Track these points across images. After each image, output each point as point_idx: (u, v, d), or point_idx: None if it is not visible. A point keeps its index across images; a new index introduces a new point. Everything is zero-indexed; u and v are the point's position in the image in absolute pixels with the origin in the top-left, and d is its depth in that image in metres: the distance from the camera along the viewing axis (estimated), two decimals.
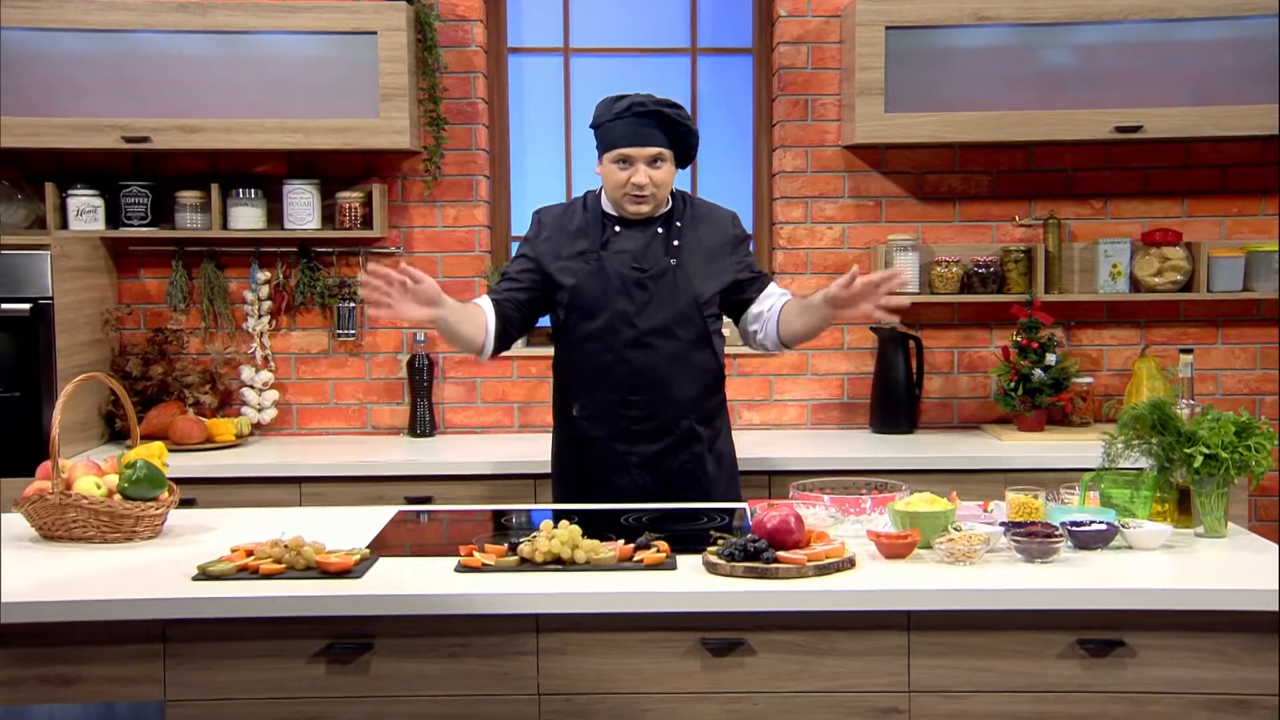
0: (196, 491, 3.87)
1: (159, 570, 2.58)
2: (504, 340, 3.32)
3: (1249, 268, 4.43)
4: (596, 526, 2.78)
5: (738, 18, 4.75)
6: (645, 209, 3.28)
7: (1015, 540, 2.58)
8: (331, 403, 4.63)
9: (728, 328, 3.52)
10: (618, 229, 3.33)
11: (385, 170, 4.56)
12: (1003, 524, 2.71)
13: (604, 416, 3.31)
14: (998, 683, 2.44)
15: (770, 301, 3.37)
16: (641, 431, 3.30)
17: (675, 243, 3.32)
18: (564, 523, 2.60)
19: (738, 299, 3.39)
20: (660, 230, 3.32)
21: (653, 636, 2.43)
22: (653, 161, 3.23)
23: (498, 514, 3.24)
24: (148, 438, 4.13)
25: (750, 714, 2.43)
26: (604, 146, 3.28)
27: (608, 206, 3.35)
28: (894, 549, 2.59)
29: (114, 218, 4.41)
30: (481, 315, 3.28)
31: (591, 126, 3.33)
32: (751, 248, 3.46)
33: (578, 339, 3.32)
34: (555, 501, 3.45)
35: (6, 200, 4.38)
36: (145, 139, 4.20)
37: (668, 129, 3.24)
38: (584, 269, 3.29)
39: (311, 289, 4.54)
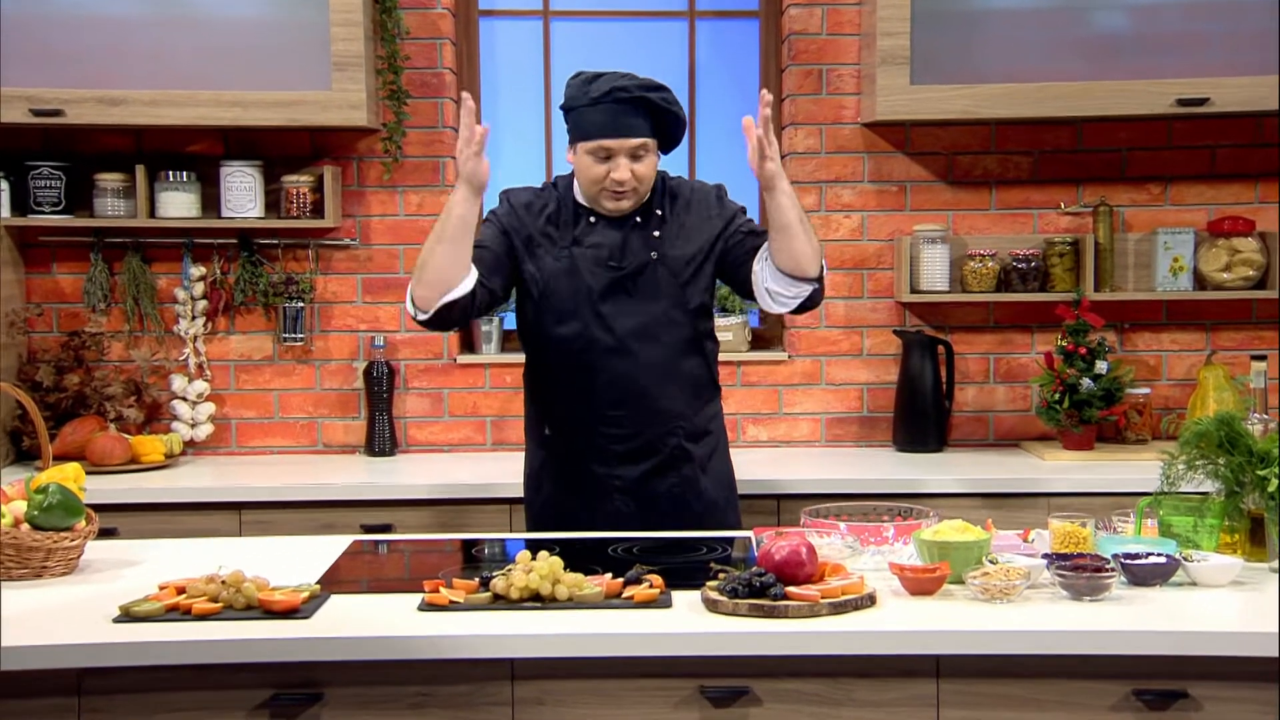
0: (119, 520, 3.86)
1: (74, 611, 2.57)
2: (472, 302, 3.19)
3: None
4: (581, 558, 2.78)
5: None
6: (625, 205, 3.28)
7: (1060, 575, 2.59)
8: (276, 417, 4.63)
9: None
10: (592, 220, 3.32)
11: (338, 150, 4.56)
12: (1045, 556, 2.71)
13: (580, 435, 3.32)
14: None
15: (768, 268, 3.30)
16: (623, 452, 3.30)
17: (656, 234, 3.31)
18: (543, 554, 2.60)
19: (740, 271, 3.31)
20: (639, 220, 3.32)
21: (644, 685, 2.43)
22: (635, 153, 3.22)
23: (468, 544, 3.24)
24: (61, 458, 4.11)
25: None
26: (578, 134, 3.26)
27: (580, 195, 3.35)
28: (921, 584, 2.60)
29: (21, 203, 4.41)
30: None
31: (562, 109, 3.31)
32: (745, 215, 3.39)
33: (547, 344, 3.34)
34: (529, 531, 3.45)
35: None
36: (58, 112, 4.19)
37: (653, 116, 3.23)
38: (553, 265, 3.30)
39: (253, 287, 4.54)
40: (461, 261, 3.17)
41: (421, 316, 3.23)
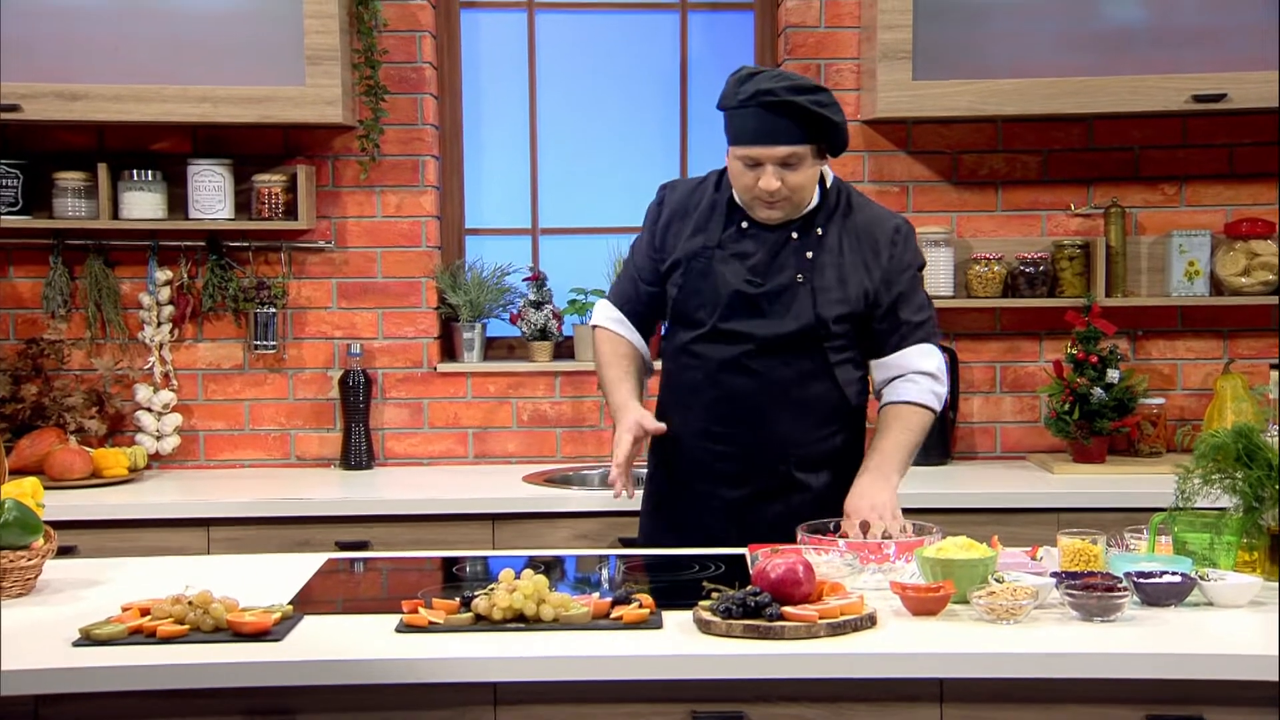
0: (79, 537, 3.86)
1: (31, 634, 2.56)
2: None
3: None
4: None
5: None
6: (778, 215, 3.16)
7: (1070, 594, 2.59)
8: (247, 429, 4.63)
9: None
10: (745, 225, 3.21)
11: (312, 149, 4.57)
12: (1054, 574, 2.72)
13: (689, 446, 3.26)
14: None
15: (888, 374, 3.24)
16: (726, 472, 3.23)
17: (810, 254, 3.18)
18: (528, 572, 2.60)
19: (868, 335, 3.24)
20: (795, 235, 3.19)
21: (634, 710, 2.43)
22: (785, 162, 3.09)
23: (448, 562, 3.24)
24: (18, 472, 4.11)
25: None
26: (729, 138, 3.14)
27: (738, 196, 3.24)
28: (923, 604, 2.60)
29: None
30: (637, 353, 3.36)
31: (718, 108, 3.19)
32: (909, 279, 3.23)
33: (675, 347, 3.30)
34: (640, 535, 3.43)
35: None
36: (14, 108, 4.19)
37: (803, 120, 3.07)
38: (692, 268, 3.21)
39: (222, 292, 4.54)
40: (643, 369, 3.37)
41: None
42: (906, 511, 3.61)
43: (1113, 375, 4.35)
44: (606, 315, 3.38)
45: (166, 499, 4.12)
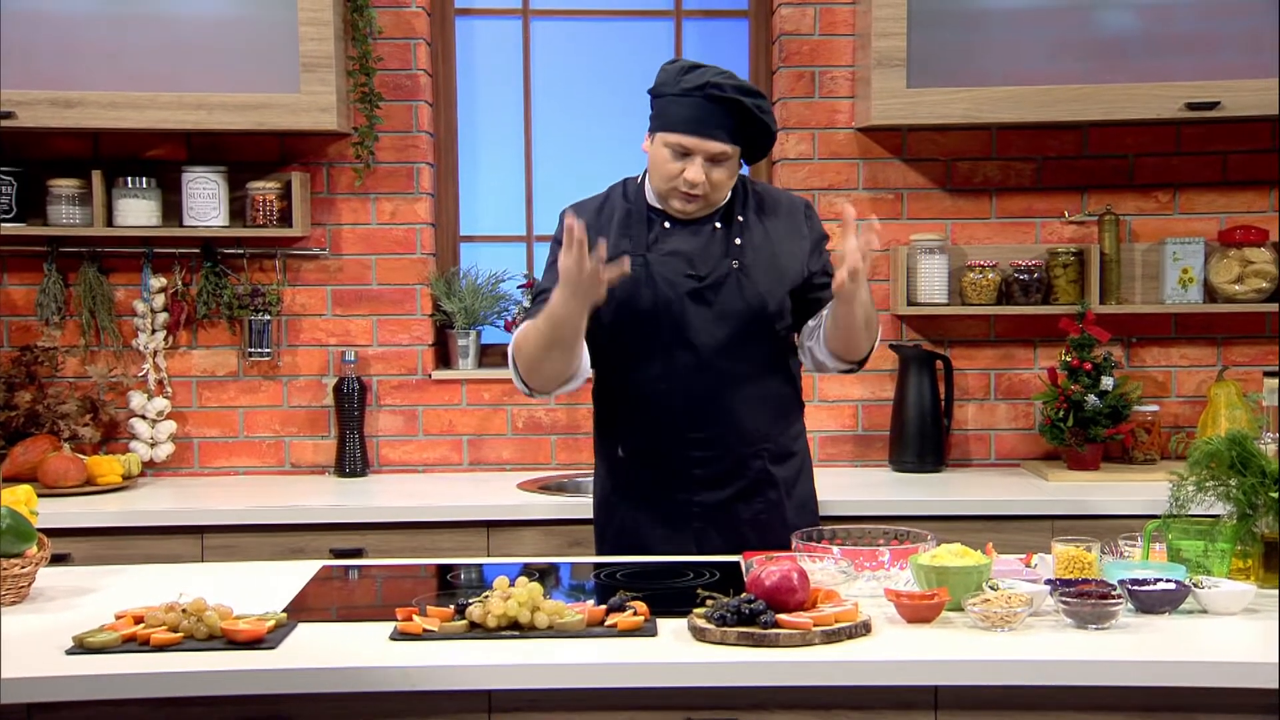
0: (73, 545, 3.85)
1: (25, 642, 2.56)
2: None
3: None
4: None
5: None
6: (692, 210, 3.19)
7: (1064, 602, 2.59)
8: (241, 436, 4.62)
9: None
10: (667, 225, 3.24)
11: (307, 156, 4.57)
12: (1049, 582, 2.72)
13: (658, 458, 3.22)
14: None
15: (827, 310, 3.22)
16: (705, 476, 3.22)
17: (737, 240, 3.22)
18: (522, 580, 2.60)
19: (803, 303, 3.27)
20: (719, 225, 3.23)
21: (629, 717, 2.43)
22: (715, 158, 3.13)
23: (443, 569, 3.24)
24: (12, 480, 4.11)
25: None
26: (659, 123, 3.18)
27: (653, 198, 3.27)
28: (918, 611, 2.60)
29: None
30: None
31: (650, 92, 3.24)
32: (827, 244, 3.32)
33: (622, 363, 3.24)
34: (601, 551, 3.39)
35: None
36: (9, 114, 4.19)
37: (742, 120, 3.12)
38: (628, 277, 3.11)
39: (217, 299, 4.54)
40: (577, 356, 3.11)
41: (537, 396, 3.28)
42: (901, 518, 3.62)
43: (1107, 382, 4.35)
44: (523, 325, 3.18)
45: (161, 506, 4.12)
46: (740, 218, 3.25)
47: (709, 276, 3.20)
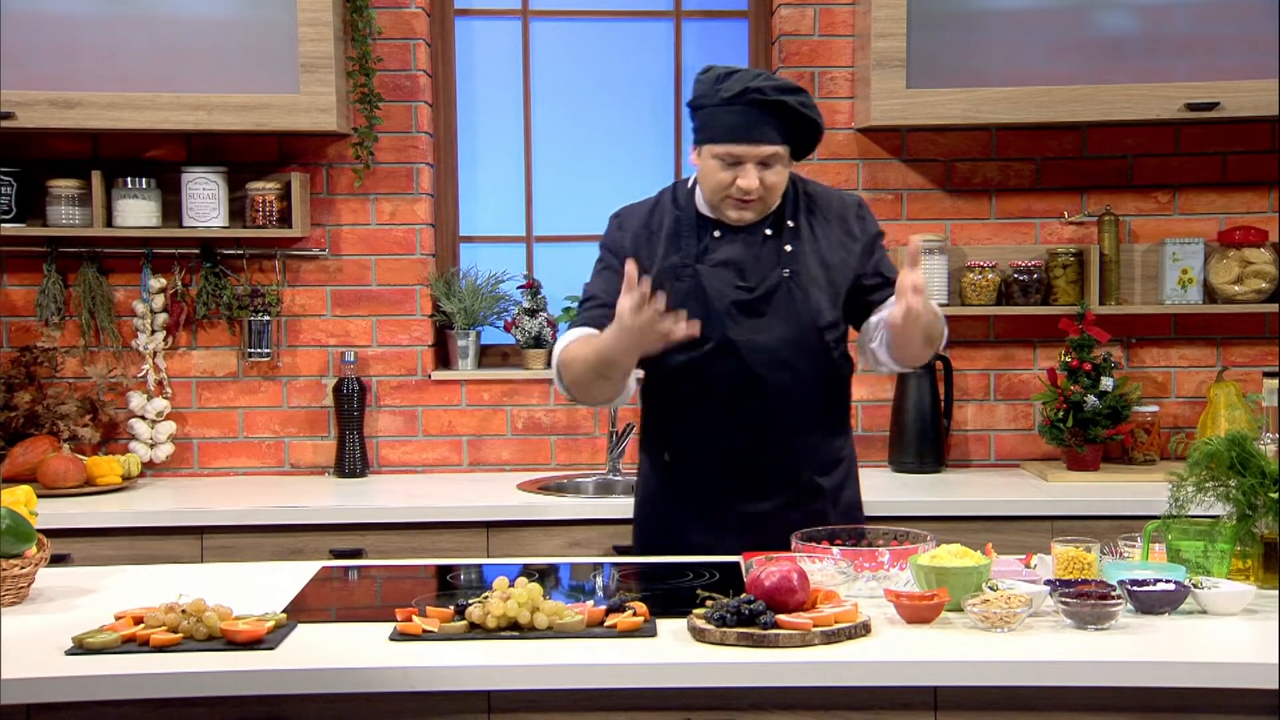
0: (73, 545, 3.86)
1: (24, 643, 2.56)
2: None
3: None
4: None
5: None
6: (749, 216, 3.13)
7: (1064, 602, 2.59)
8: (241, 436, 4.62)
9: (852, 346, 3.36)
10: (717, 234, 3.17)
11: (306, 156, 4.57)
12: (1048, 582, 2.72)
13: (704, 467, 3.17)
14: None
15: (890, 309, 3.09)
16: (750, 485, 3.17)
17: (788, 248, 3.16)
18: (522, 580, 2.60)
19: (859, 305, 3.22)
20: (769, 233, 3.17)
21: (629, 718, 2.43)
22: (766, 161, 3.07)
23: (443, 570, 3.24)
24: (11, 480, 4.11)
25: None
26: (704, 136, 3.10)
27: (703, 206, 3.19)
28: (917, 612, 2.60)
29: None
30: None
31: (689, 105, 3.17)
32: (882, 243, 3.27)
33: (671, 372, 3.17)
34: (638, 550, 3.36)
35: None
36: (8, 115, 4.19)
37: (787, 121, 3.07)
38: (677, 287, 3.11)
39: (216, 299, 4.54)
40: (625, 382, 3.07)
41: (582, 406, 3.22)
42: (901, 519, 3.61)
43: (1106, 383, 4.35)
44: (573, 335, 3.16)
45: (160, 507, 4.12)
46: (791, 223, 3.19)
47: (759, 287, 3.14)
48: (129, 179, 4.39)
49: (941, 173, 4.62)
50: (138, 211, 4.40)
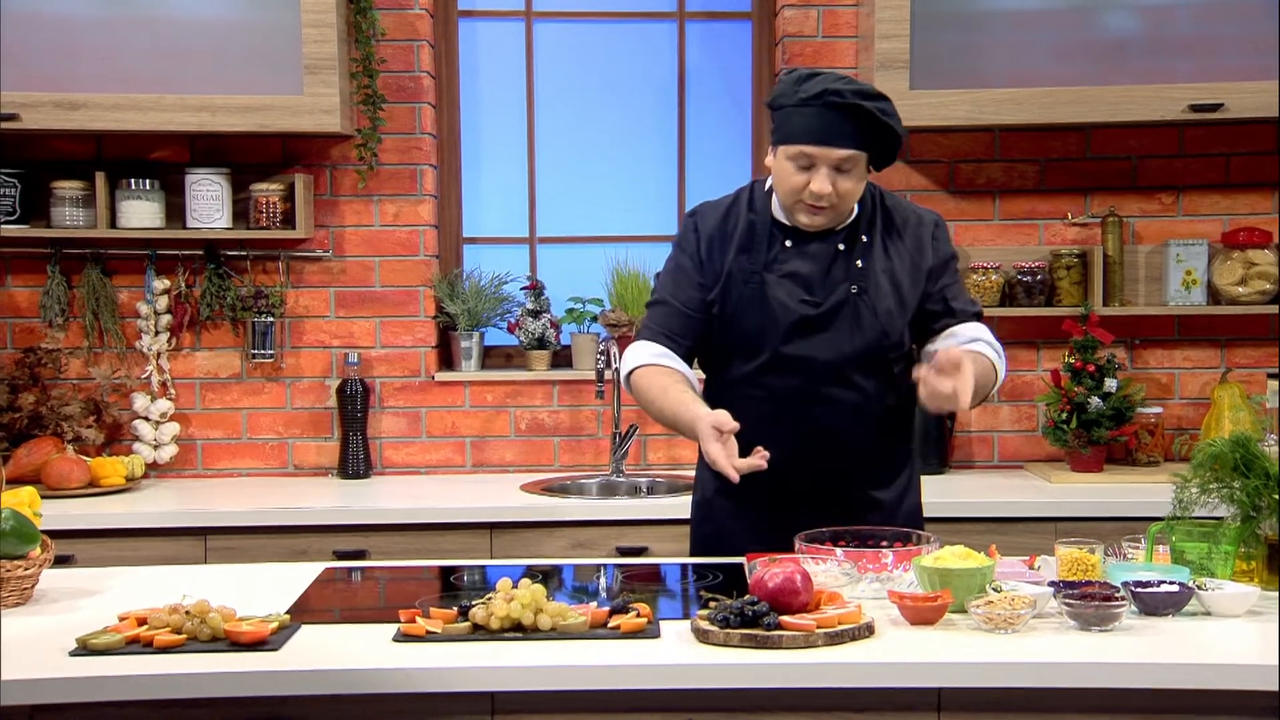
0: (76, 547, 3.86)
1: (28, 644, 2.56)
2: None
3: None
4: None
5: None
6: (820, 222, 3.06)
7: (1067, 604, 2.59)
8: (245, 437, 4.63)
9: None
10: (789, 243, 3.11)
11: (310, 158, 4.57)
12: (1052, 584, 2.72)
13: (758, 478, 3.03)
14: None
15: (948, 342, 3.10)
16: (805, 497, 3.13)
17: (859, 263, 3.09)
18: (525, 582, 2.60)
19: (921, 328, 3.19)
20: (842, 247, 3.10)
21: (632, 719, 2.44)
22: (840, 166, 2.99)
23: (446, 571, 3.24)
24: (15, 481, 4.11)
25: None
26: (780, 136, 3.03)
27: (778, 211, 3.13)
28: (921, 613, 2.60)
29: None
30: (689, 381, 3.12)
31: (768, 105, 3.11)
32: (955, 265, 3.21)
33: (730, 378, 3.16)
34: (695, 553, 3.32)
35: None
36: (13, 116, 4.19)
37: (866, 127, 2.98)
38: (742, 294, 3.08)
39: (220, 300, 4.54)
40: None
41: None
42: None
43: (1110, 384, 4.35)
44: (647, 354, 3.14)
45: (164, 508, 4.12)
46: (865, 237, 3.13)
47: (825, 303, 3.09)
48: (133, 180, 4.39)
49: (945, 174, 4.62)
50: (141, 213, 4.40)
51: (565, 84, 4.87)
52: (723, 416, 2.88)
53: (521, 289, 4.74)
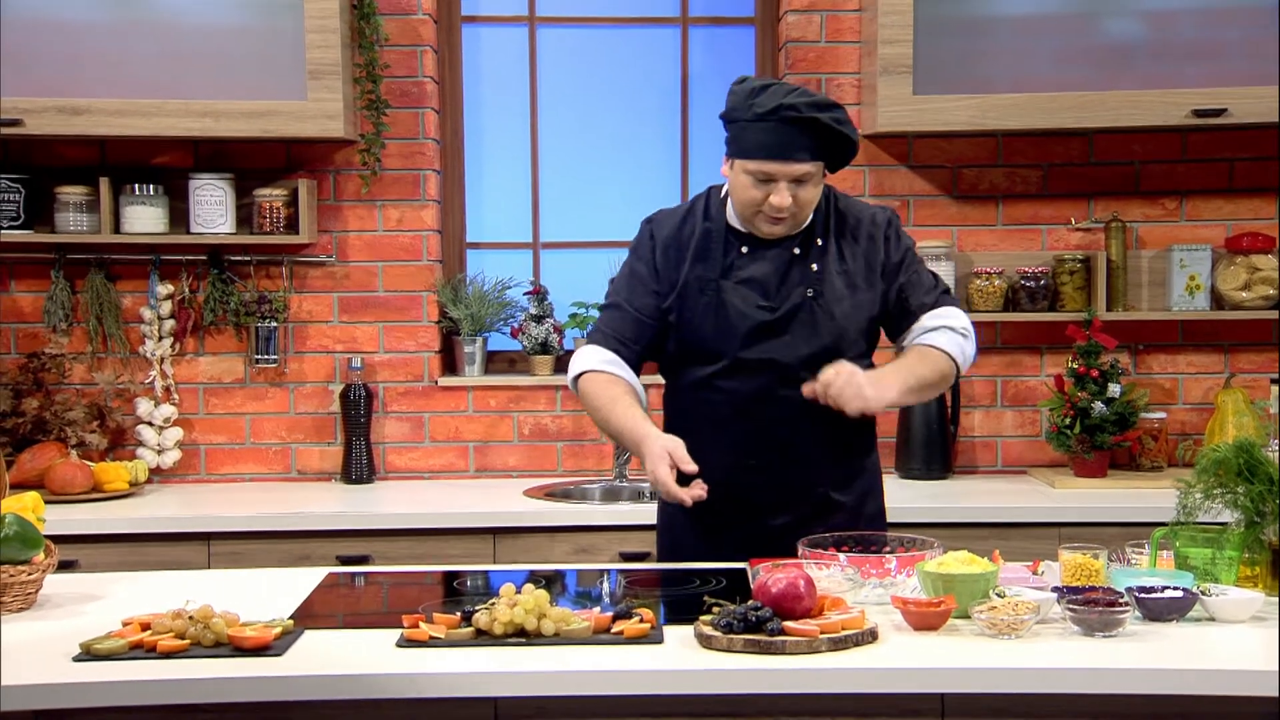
0: (80, 552, 3.86)
1: (31, 649, 2.56)
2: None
3: None
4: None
5: None
6: (780, 231, 3.09)
7: (1071, 609, 2.59)
8: (248, 442, 4.63)
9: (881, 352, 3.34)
10: (744, 250, 3.14)
11: (314, 163, 4.57)
12: (1056, 589, 2.71)
13: (719, 482, 3.05)
14: None
15: (911, 338, 3.16)
16: (765, 503, 3.15)
17: (814, 267, 3.12)
18: (528, 587, 2.60)
19: (887, 327, 3.23)
20: (797, 251, 3.13)
21: None
22: (798, 179, 3.02)
23: (449, 576, 3.24)
24: (19, 486, 4.11)
25: None
26: (736, 150, 3.05)
27: (734, 218, 3.15)
28: (924, 619, 2.60)
29: None
30: (635, 392, 3.16)
31: (722, 118, 3.13)
32: (913, 258, 3.22)
33: (689, 383, 3.18)
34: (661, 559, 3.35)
35: None
36: (16, 122, 4.20)
37: (822, 137, 3.01)
38: (699, 301, 3.11)
39: (224, 306, 4.54)
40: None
41: None
42: (908, 525, 3.61)
43: (1114, 389, 4.35)
44: (596, 359, 3.18)
45: (167, 513, 4.12)
46: (820, 241, 3.15)
47: (781, 307, 3.11)
48: (136, 186, 4.40)
49: (948, 179, 4.62)
50: (145, 218, 4.40)
51: (568, 89, 4.87)
52: (679, 450, 2.94)
53: (525, 294, 4.74)
